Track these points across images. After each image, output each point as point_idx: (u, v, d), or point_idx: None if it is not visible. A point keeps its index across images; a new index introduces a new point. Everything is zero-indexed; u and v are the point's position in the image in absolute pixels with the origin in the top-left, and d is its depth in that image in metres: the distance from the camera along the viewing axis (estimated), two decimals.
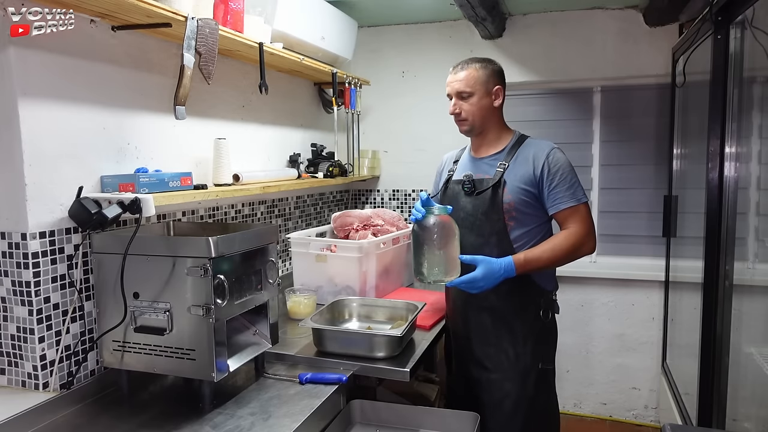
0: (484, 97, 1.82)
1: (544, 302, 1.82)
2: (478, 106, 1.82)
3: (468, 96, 1.82)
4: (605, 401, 3.24)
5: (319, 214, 3.14)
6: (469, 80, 1.81)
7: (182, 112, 1.66)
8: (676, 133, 2.93)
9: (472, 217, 1.82)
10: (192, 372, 1.42)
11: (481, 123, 1.85)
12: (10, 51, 1.37)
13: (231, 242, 1.43)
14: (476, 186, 1.83)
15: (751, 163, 2.03)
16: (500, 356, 1.81)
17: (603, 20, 3.03)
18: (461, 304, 1.89)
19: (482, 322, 1.83)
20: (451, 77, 1.86)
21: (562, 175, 1.75)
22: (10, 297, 1.45)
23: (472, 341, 1.86)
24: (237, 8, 1.95)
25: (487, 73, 1.82)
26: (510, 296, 1.79)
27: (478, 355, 1.84)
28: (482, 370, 1.83)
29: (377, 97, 3.40)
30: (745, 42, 1.97)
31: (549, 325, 1.86)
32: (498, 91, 1.85)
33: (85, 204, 1.47)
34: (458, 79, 1.83)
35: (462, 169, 1.93)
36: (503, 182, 1.78)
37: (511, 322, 1.80)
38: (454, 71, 1.86)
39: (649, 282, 3.08)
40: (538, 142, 1.84)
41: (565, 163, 1.78)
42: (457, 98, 1.84)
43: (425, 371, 2.40)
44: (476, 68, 1.82)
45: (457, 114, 1.85)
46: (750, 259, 2.03)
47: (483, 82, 1.82)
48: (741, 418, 2.07)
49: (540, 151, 1.79)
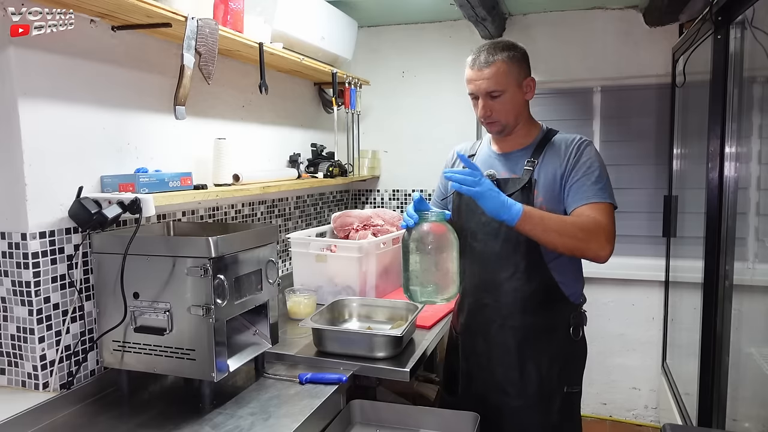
0: (516, 93, 1.57)
1: (574, 318, 1.61)
2: (512, 104, 1.58)
3: (499, 95, 1.55)
4: (605, 401, 3.24)
5: (319, 214, 3.14)
6: (498, 77, 1.54)
7: (182, 112, 1.66)
8: (676, 133, 2.93)
9: (497, 223, 1.49)
10: (192, 372, 1.42)
11: (515, 122, 1.61)
12: (10, 51, 1.37)
13: (231, 242, 1.43)
14: (502, 187, 1.55)
15: (751, 163, 2.03)
16: (524, 381, 1.60)
17: (603, 20, 3.03)
18: (482, 320, 1.66)
19: (505, 342, 1.62)
20: (473, 73, 1.57)
21: (590, 168, 1.52)
22: (10, 297, 1.45)
23: (493, 363, 1.64)
24: (237, 8, 1.95)
25: (516, 64, 1.56)
26: (538, 313, 1.59)
27: (500, 380, 1.63)
28: (503, 395, 1.62)
29: (377, 97, 3.40)
30: (745, 42, 1.97)
31: (580, 344, 1.66)
32: (530, 83, 1.60)
33: (85, 204, 1.47)
34: (484, 77, 1.54)
35: (481, 167, 1.65)
36: (534, 181, 1.56)
37: (539, 342, 1.60)
38: (476, 66, 1.56)
39: (649, 282, 3.09)
40: (568, 135, 1.63)
41: (594, 156, 1.56)
42: (486, 98, 1.56)
43: (425, 371, 2.40)
44: (504, 60, 1.54)
45: (487, 116, 1.59)
46: (750, 259, 2.03)
47: (514, 75, 1.56)
48: (741, 418, 2.07)
49: (570, 143, 1.59)
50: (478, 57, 1.56)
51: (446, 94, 3.29)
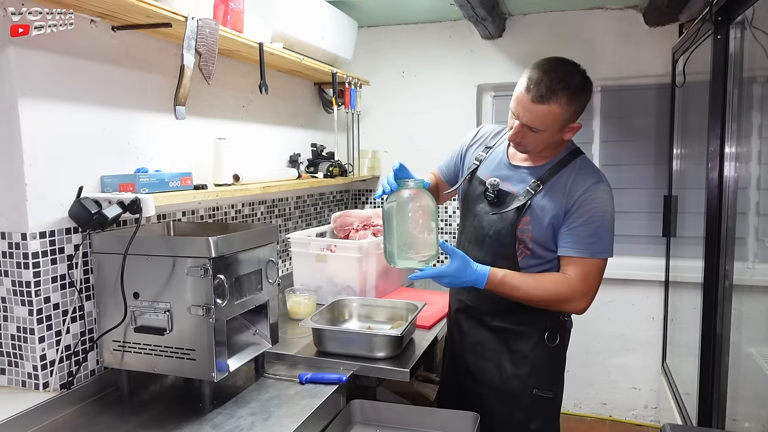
0: (556, 134, 1.48)
1: (551, 325, 1.61)
2: (546, 141, 1.49)
3: (537, 131, 1.45)
4: (605, 401, 3.24)
5: (319, 214, 3.14)
6: (546, 120, 1.42)
7: (182, 112, 1.66)
8: (676, 133, 2.93)
9: (483, 231, 1.59)
10: (192, 372, 1.42)
11: (543, 150, 1.54)
12: (10, 51, 1.37)
13: (231, 242, 1.43)
14: (500, 199, 1.56)
15: (751, 163, 2.04)
16: (494, 371, 1.65)
17: (603, 20, 3.03)
18: (459, 315, 1.75)
19: (479, 335, 1.69)
20: (524, 98, 1.42)
21: (592, 217, 1.46)
22: (10, 297, 1.45)
23: (466, 351, 1.72)
24: (237, 8, 1.95)
25: (570, 111, 1.43)
26: (512, 318, 1.62)
27: (471, 367, 1.70)
28: (473, 381, 1.70)
29: (377, 97, 3.40)
30: (745, 42, 1.97)
31: (556, 351, 1.64)
32: (573, 128, 1.49)
33: (85, 204, 1.47)
34: (533, 114, 1.42)
35: (490, 168, 1.65)
36: (529, 207, 1.52)
37: (511, 341, 1.63)
38: (531, 94, 1.40)
39: (649, 282, 3.09)
40: (585, 169, 1.52)
41: (601, 204, 1.47)
42: (524, 127, 1.46)
43: (425, 371, 2.39)
44: (561, 104, 1.40)
45: (517, 142, 1.52)
46: (750, 259, 2.03)
47: (562, 121, 1.44)
48: (741, 418, 2.07)
49: (580, 182, 1.49)
50: (539, 85, 1.39)
51: (446, 94, 3.29)
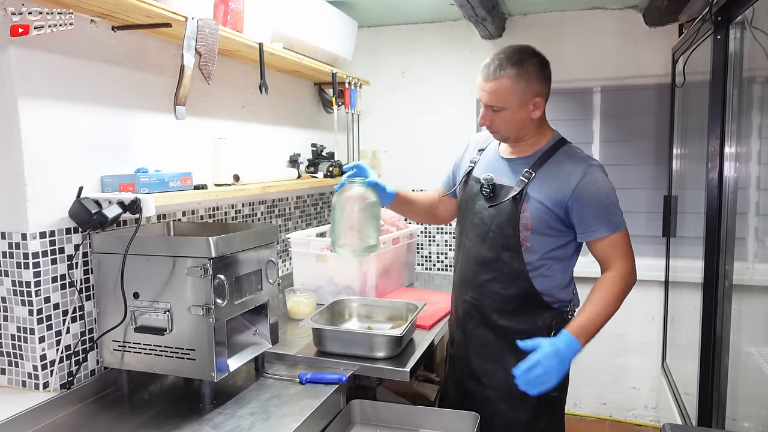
0: (518, 111, 1.53)
1: (556, 324, 1.58)
2: (512, 120, 1.55)
3: (499, 110, 1.53)
4: (605, 401, 3.24)
5: (319, 214, 3.14)
6: (498, 94, 1.51)
7: (182, 112, 1.66)
8: (675, 133, 2.93)
9: (485, 227, 1.61)
10: (192, 372, 1.42)
11: (517, 134, 1.59)
12: (10, 51, 1.37)
13: (231, 242, 1.43)
14: (495, 192, 1.60)
15: (751, 163, 2.03)
16: (498, 372, 1.63)
17: (603, 20, 3.03)
18: (463, 314, 1.72)
19: (483, 335, 1.66)
20: (479, 81, 1.55)
21: (599, 198, 1.52)
22: (10, 297, 1.45)
23: (470, 353, 1.69)
24: (237, 8, 1.95)
25: (522, 84, 1.50)
26: (516, 317, 1.61)
27: (475, 369, 1.68)
28: (477, 384, 1.68)
29: (377, 97, 3.40)
30: (744, 42, 1.97)
31: None
32: (537, 103, 1.54)
33: (85, 204, 1.47)
34: (486, 90, 1.52)
35: (484, 166, 1.70)
36: (524, 195, 1.56)
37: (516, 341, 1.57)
38: (483, 76, 1.53)
39: (648, 282, 3.08)
40: (575, 157, 1.58)
41: (602, 182, 1.53)
42: (487, 109, 1.55)
43: (425, 371, 2.40)
44: (509, 77, 1.49)
45: (487, 125, 1.60)
46: (750, 259, 2.03)
47: (518, 94, 1.51)
48: (741, 418, 2.07)
49: (574, 170, 1.53)
50: (489, 66, 1.52)
51: (446, 94, 3.30)
